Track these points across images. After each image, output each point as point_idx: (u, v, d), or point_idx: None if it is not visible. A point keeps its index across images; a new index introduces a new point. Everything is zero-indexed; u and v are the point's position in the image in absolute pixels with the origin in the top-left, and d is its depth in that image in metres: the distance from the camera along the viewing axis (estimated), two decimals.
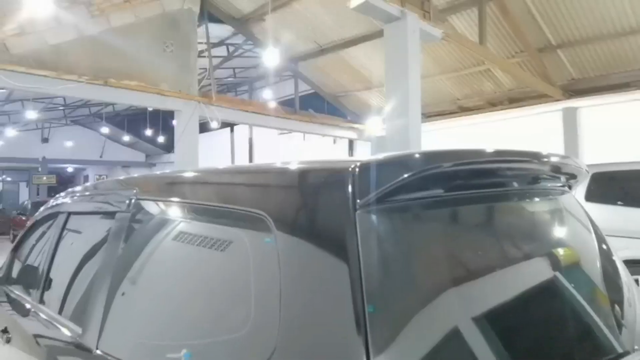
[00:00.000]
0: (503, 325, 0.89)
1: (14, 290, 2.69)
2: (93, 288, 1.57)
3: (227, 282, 0.99)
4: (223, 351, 0.90)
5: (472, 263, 0.95)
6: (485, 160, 0.98)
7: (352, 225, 0.80)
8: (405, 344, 0.75)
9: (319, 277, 0.83)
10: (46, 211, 2.73)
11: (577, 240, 1.36)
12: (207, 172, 1.31)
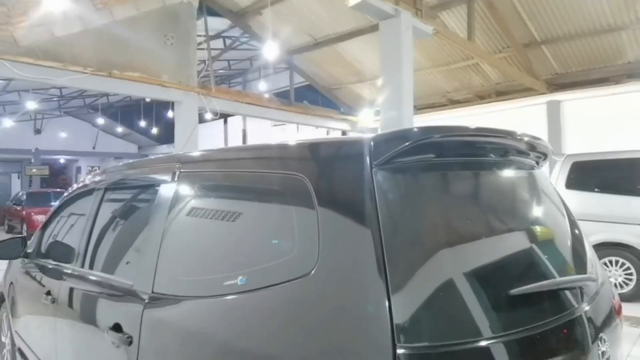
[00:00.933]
0: (494, 259, 1.24)
1: (50, 260, 2.98)
2: (144, 246, 1.86)
3: (276, 225, 1.32)
4: (273, 269, 1.22)
5: (461, 210, 1.29)
6: (466, 133, 1.32)
7: (370, 178, 1.13)
8: (417, 270, 1.05)
9: (346, 217, 1.16)
10: (77, 190, 3.00)
11: (545, 202, 1.71)
12: (251, 147, 1.63)
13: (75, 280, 2.39)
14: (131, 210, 2.29)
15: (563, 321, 1.26)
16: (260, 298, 1.23)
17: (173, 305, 1.54)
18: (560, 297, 1.29)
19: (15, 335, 3.29)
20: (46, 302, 2.59)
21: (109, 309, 1.94)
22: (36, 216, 13.31)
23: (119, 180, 2.41)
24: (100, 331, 1.89)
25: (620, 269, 5.68)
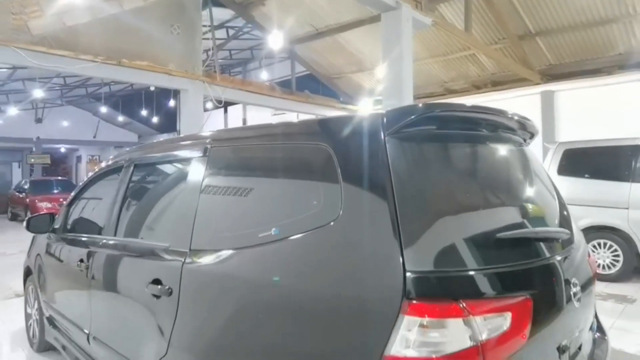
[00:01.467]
0: (485, 209, 1.53)
1: (80, 232, 3.22)
2: (180, 211, 2.11)
3: (304, 185, 1.59)
4: (304, 221, 1.49)
5: (457, 171, 1.57)
6: (463, 109, 1.58)
7: (384, 145, 1.40)
8: (429, 221, 1.30)
9: (363, 175, 1.43)
10: (105, 168, 3.25)
11: (532, 172, 1.98)
12: (282, 124, 1.88)
13: (109, 248, 2.62)
14: (164, 183, 2.54)
15: (540, 264, 1.55)
16: (292, 244, 1.50)
17: (211, 257, 1.80)
18: (539, 244, 1.58)
19: (43, 305, 3.55)
20: (79, 269, 2.84)
21: (147, 268, 2.16)
22: (40, 203, 13.49)
23: (150, 156, 2.65)
24: (138, 288, 2.13)
25: (608, 251, 5.96)
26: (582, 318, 1.74)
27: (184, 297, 1.84)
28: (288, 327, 1.43)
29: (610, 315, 4.51)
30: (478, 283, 1.29)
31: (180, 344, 1.81)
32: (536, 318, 1.36)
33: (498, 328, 1.24)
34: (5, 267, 7.53)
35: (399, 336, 1.16)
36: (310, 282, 1.42)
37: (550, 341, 1.49)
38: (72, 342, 3.05)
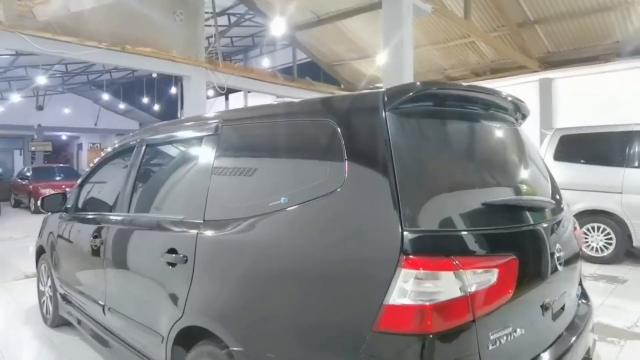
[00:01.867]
0: (476, 177, 1.68)
1: (93, 210, 3.37)
2: (193, 186, 2.24)
3: (311, 157, 1.74)
4: (311, 190, 1.63)
5: (450, 143, 1.71)
6: (457, 88, 1.72)
7: (384, 119, 1.53)
8: (428, 194, 1.45)
9: (366, 147, 1.56)
10: (116, 149, 3.38)
11: (523, 148, 2.12)
12: (290, 103, 2.01)
13: (123, 223, 2.76)
14: (176, 160, 2.67)
15: (526, 229, 1.70)
16: (300, 210, 1.64)
17: (224, 226, 1.95)
18: (525, 212, 1.73)
19: (57, 281, 3.70)
20: (94, 244, 2.98)
21: (162, 239, 2.30)
22: (43, 190, 13.61)
23: (162, 136, 2.77)
24: (154, 258, 2.28)
25: (601, 234, 6.11)
26: (565, 282, 1.89)
27: (199, 263, 1.99)
28: (298, 284, 1.58)
29: (602, 294, 4.69)
30: (468, 242, 1.44)
31: (195, 306, 1.96)
32: (521, 276, 1.51)
33: (485, 282, 1.39)
34: (14, 251, 7.71)
35: (397, 287, 1.31)
36: (318, 243, 1.56)
37: (534, 298, 1.64)
38: (87, 316, 3.21)
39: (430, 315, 1.29)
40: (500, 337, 1.43)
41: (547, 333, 1.74)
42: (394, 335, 1.31)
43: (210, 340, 1.90)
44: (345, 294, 1.43)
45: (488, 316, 1.39)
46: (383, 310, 1.32)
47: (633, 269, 5.77)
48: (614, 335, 3.57)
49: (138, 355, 2.51)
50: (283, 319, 1.60)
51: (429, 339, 1.28)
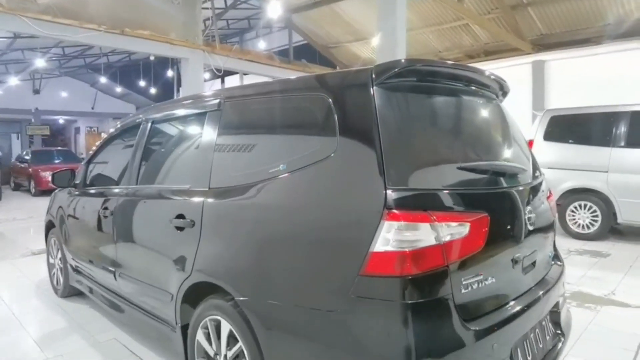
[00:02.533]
0: (453, 144, 1.87)
1: (101, 184, 3.55)
2: (198, 157, 2.42)
3: (306, 128, 1.93)
4: (307, 157, 1.82)
5: (433, 114, 1.90)
6: (440, 65, 1.90)
7: (372, 93, 1.71)
8: (411, 158, 1.65)
9: (355, 117, 1.75)
10: (122, 127, 3.55)
11: (503, 121, 2.32)
12: (287, 80, 2.19)
13: (132, 194, 2.95)
14: (182, 135, 2.85)
15: (498, 190, 1.91)
16: (297, 175, 1.84)
17: (228, 192, 2.15)
18: (497, 175, 1.94)
19: (67, 253, 3.90)
20: (104, 215, 3.18)
21: (170, 206, 2.48)
22: (43, 173, 13.76)
23: (167, 112, 2.94)
24: (162, 224, 2.47)
25: (588, 212, 6.35)
26: (536, 241, 2.10)
27: (205, 226, 2.19)
28: (296, 238, 1.78)
29: (584, 266, 4.95)
30: (443, 200, 1.64)
31: (203, 264, 2.17)
32: (492, 231, 1.72)
33: (458, 234, 1.60)
34: (19, 230, 7.92)
35: (381, 237, 1.52)
36: (313, 203, 1.77)
37: (505, 252, 1.86)
38: (98, 284, 3.42)
39: (410, 260, 1.50)
40: (472, 282, 1.65)
41: (517, 285, 1.95)
42: (378, 277, 1.52)
43: (216, 295, 2.11)
44: (337, 245, 1.65)
45: (460, 263, 1.60)
46: (369, 257, 1.53)
47: (616, 244, 6.03)
48: (591, 302, 3.83)
49: (148, 315, 2.73)
50: (283, 269, 1.82)
51: (408, 280, 1.49)
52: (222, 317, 2.05)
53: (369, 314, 1.54)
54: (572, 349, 2.92)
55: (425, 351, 1.47)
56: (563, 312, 2.33)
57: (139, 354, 2.99)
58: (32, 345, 3.16)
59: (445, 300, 1.55)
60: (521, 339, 1.85)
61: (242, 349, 1.96)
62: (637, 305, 3.73)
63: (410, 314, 1.48)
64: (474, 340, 1.58)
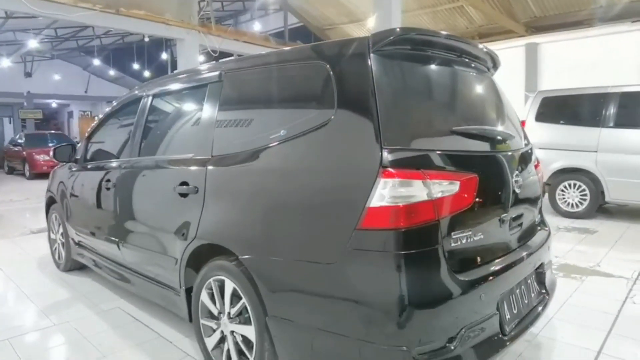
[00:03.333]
0: (445, 108, 2.00)
1: (103, 159, 3.62)
2: (201, 126, 2.49)
3: (306, 94, 2.02)
4: (307, 122, 1.91)
5: (426, 80, 2.00)
6: (434, 34, 1.99)
7: (369, 60, 1.81)
8: (404, 124, 1.76)
9: (352, 82, 1.84)
10: (123, 101, 3.61)
11: (493, 91, 2.42)
12: (286, 50, 2.27)
13: (135, 165, 3.02)
14: (184, 106, 2.93)
15: (487, 154, 2.03)
16: (297, 140, 1.93)
17: (230, 159, 2.24)
18: (487, 140, 2.05)
19: (70, 227, 3.99)
20: (107, 187, 3.26)
21: (174, 174, 2.57)
22: (37, 156, 13.75)
23: (169, 85, 3.01)
24: (166, 192, 2.56)
25: (577, 191, 6.49)
26: (522, 203, 2.23)
27: (209, 192, 2.29)
28: (297, 198, 1.88)
29: (572, 242, 5.11)
30: (435, 160, 1.75)
31: (207, 227, 2.27)
32: (481, 191, 1.83)
33: (448, 191, 1.71)
34: (16, 211, 7.98)
35: (377, 193, 1.63)
36: (313, 164, 1.87)
37: (492, 211, 1.98)
38: (101, 256, 3.52)
39: (403, 214, 1.61)
40: (461, 237, 1.76)
41: (504, 243, 2.08)
42: (374, 231, 1.63)
43: (220, 256, 2.22)
44: (336, 203, 1.75)
45: (450, 219, 1.72)
46: (365, 212, 1.64)
47: (604, 222, 6.20)
48: (577, 273, 3.99)
49: (152, 282, 2.83)
50: (284, 228, 1.92)
51: (402, 233, 1.61)
52: (226, 277, 2.16)
53: (365, 265, 1.65)
54: (557, 313, 3.07)
55: (416, 297, 1.59)
56: (548, 274, 2.47)
57: (142, 320, 3.11)
58: (39, 313, 3.27)
59: (435, 252, 1.67)
60: (507, 293, 1.98)
61: (245, 305, 2.08)
62: (620, 276, 3.89)
63: (403, 264, 1.59)
64: (463, 289, 1.70)
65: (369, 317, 1.64)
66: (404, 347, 1.58)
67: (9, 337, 2.87)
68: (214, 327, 2.28)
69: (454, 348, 1.66)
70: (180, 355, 2.59)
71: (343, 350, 1.73)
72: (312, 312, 1.82)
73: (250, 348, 2.08)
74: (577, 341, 2.67)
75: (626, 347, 2.60)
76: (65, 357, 2.61)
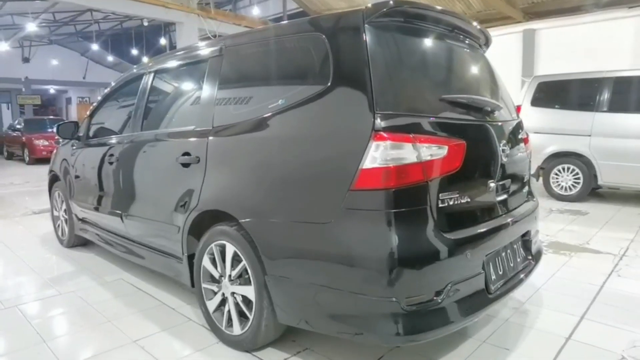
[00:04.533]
0: (436, 77, 2.09)
1: (105, 135, 3.70)
2: (202, 99, 2.58)
3: (303, 63, 2.11)
4: (303, 90, 2.00)
5: (418, 52, 2.09)
6: (425, 7, 2.08)
7: (363, 30, 1.89)
8: (396, 93, 1.85)
9: (347, 50, 1.92)
10: (124, 79, 3.68)
11: (485, 66, 2.52)
12: (285, 24, 2.35)
13: (137, 139, 3.11)
14: (185, 81, 3.01)
15: (475, 122, 2.13)
16: (295, 108, 2.03)
17: (230, 129, 2.34)
18: (476, 109, 2.15)
19: (72, 205, 4.08)
20: (110, 161, 3.35)
21: (176, 146, 2.65)
22: (37, 141, 13.79)
23: (170, 61, 3.08)
24: (169, 162, 2.64)
25: (570, 174, 6.60)
26: (509, 172, 2.33)
27: (210, 161, 2.39)
28: (295, 162, 1.98)
29: (564, 222, 5.23)
30: (425, 126, 1.85)
31: (209, 195, 2.37)
32: (468, 156, 1.93)
33: (437, 155, 1.81)
34: (17, 194, 8.08)
35: (369, 156, 1.73)
36: (309, 131, 1.97)
37: (479, 177, 2.09)
38: (104, 230, 3.62)
39: (394, 175, 1.71)
40: (448, 199, 1.87)
41: (490, 208, 2.19)
42: (366, 191, 1.74)
43: (221, 222, 2.33)
44: (330, 166, 1.86)
45: (439, 181, 1.82)
46: (359, 173, 1.74)
47: (596, 205, 6.32)
48: (566, 250, 4.11)
49: (155, 252, 2.94)
50: (282, 191, 2.03)
51: (392, 192, 1.71)
52: (227, 241, 2.27)
53: (358, 223, 1.76)
54: (544, 284, 3.20)
55: (405, 252, 1.71)
56: (534, 241, 2.59)
57: (144, 290, 3.22)
58: (45, 284, 3.38)
59: (424, 211, 1.78)
60: (493, 255, 2.10)
61: (244, 267, 2.19)
62: (607, 252, 4.02)
63: (393, 221, 1.70)
64: (449, 247, 1.81)
65: (361, 272, 1.75)
66: (393, 299, 1.69)
67: (17, 304, 2.98)
68: (215, 290, 2.40)
69: (440, 301, 1.78)
70: (183, 319, 2.71)
71: (337, 302, 1.84)
72: (308, 269, 1.93)
73: (250, 308, 2.19)
74: (562, 308, 2.80)
75: (608, 313, 2.73)
76: (72, 321, 2.73)
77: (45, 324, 2.71)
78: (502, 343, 2.36)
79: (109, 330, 2.58)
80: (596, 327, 2.54)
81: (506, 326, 2.56)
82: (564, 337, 2.42)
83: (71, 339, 2.51)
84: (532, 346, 2.33)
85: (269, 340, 2.25)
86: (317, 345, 2.33)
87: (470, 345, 2.33)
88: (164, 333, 2.53)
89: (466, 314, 1.88)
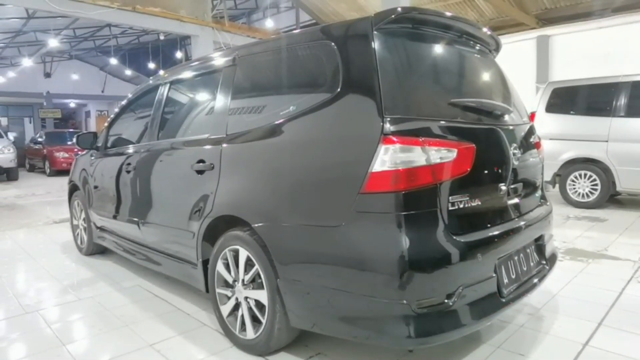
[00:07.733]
0: (445, 81, 2.11)
1: (122, 145, 3.80)
2: (216, 109, 2.65)
3: (314, 71, 2.15)
4: (315, 97, 2.05)
5: (426, 57, 2.12)
6: (434, 14, 2.10)
7: (372, 36, 1.93)
8: (404, 93, 1.88)
9: (356, 57, 1.96)
10: (141, 90, 3.78)
11: (494, 69, 2.53)
12: (295, 33, 2.41)
13: (154, 148, 3.18)
14: (200, 91, 3.08)
15: (486, 126, 2.14)
16: (306, 114, 2.07)
17: (244, 136, 2.38)
18: (485, 113, 2.16)
19: (91, 213, 4.18)
20: (127, 170, 3.43)
21: (191, 154, 2.71)
22: (57, 153, 14.15)
23: (185, 72, 3.17)
24: (184, 170, 2.70)
25: (588, 181, 6.50)
26: (521, 176, 2.32)
27: (224, 168, 2.44)
28: (306, 166, 2.02)
29: (581, 229, 5.15)
30: (434, 129, 1.87)
31: (223, 200, 2.41)
32: (478, 160, 1.94)
33: (446, 157, 1.83)
34: (39, 204, 8.27)
35: (378, 159, 1.75)
36: (320, 136, 2.00)
37: (490, 180, 2.09)
38: (122, 237, 3.69)
39: (403, 178, 1.73)
40: (458, 201, 1.88)
41: (501, 211, 2.18)
42: (376, 194, 1.76)
43: (235, 228, 2.37)
44: (341, 170, 1.88)
45: (449, 184, 1.83)
46: (368, 177, 1.77)
47: (615, 212, 6.21)
48: (583, 256, 4.05)
49: (171, 258, 2.99)
50: (294, 195, 2.06)
51: (402, 195, 1.73)
52: (241, 246, 2.30)
53: (368, 226, 1.78)
54: (561, 291, 3.16)
55: (416, 255, 1.71)
56: (548, 246, 2.56)
57: (161, 296, 3.27)
58: (64, 290, 3.46)
59: (434, 214, 1.79)
60: (505, 258, 2.09)
61: (257, 272, 2.22)
62: (626, 258, 3.94)
63: (403, 224, 1.72)
64: (460, 250, 1.81)
65: (372, 274, 1.77)
66: (404, 301, 1.70)
67: (37, 309, 3.06)
68: (228, 295, 2.43)
69: (451, 304, 1.77)
70: (197, 324, 2.75)
71: (349, 305, 1.86)
72: (319, 272, 1.95)
73: (263, 312, 2.22)
74: (579, 314, 2.75)
75: (627, 319, 2.68)
76: (90, 325, 2.78)
77: (65, 328, 2.77)
78: (517, 349, 2.33)
79: (126, 334, 2.63)
80: (614, 334, 2.50)
81: (521, 332, 2.53)
82: (580, 344, 2.38)
83: (89, 342, 2.56)
84: (548, 352, 2.30)
85: (282, 345, 2.27)
86: (330, 350, 2.34)
87: (484, 350, 2.32)
88: (180, 337, 2.57)
89: (478, 317, 1.87)
